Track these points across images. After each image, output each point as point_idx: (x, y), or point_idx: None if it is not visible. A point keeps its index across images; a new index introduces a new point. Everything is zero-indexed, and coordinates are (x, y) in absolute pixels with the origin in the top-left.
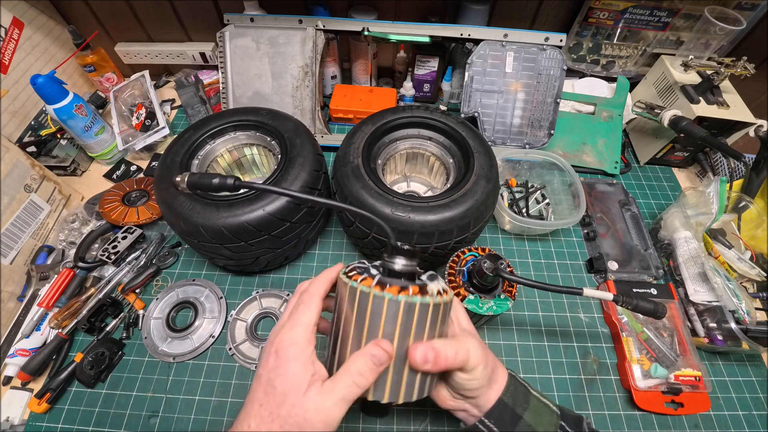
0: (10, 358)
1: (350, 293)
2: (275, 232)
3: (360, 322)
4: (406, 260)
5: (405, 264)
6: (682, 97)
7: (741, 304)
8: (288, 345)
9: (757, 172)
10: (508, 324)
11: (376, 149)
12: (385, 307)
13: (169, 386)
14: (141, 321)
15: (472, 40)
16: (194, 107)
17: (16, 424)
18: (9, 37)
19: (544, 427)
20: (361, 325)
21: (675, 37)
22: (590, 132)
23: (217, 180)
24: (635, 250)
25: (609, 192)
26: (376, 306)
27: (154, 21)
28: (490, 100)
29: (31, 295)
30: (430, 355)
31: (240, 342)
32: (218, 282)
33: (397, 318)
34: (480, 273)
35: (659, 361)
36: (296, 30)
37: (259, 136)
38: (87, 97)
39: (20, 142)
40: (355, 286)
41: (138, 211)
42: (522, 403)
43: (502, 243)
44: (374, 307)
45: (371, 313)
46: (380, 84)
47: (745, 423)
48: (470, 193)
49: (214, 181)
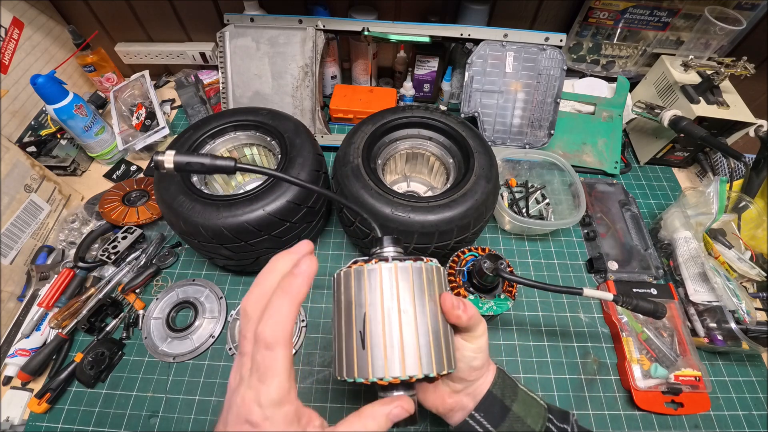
0: (10, 358)
1: (345, 278)
2: (275, 232)
3: (359, 301)
4: (394, 247)
5: (395, 250)
6: (682, 97)
7: (741, 304)
8: (263, 418)
9: (757, 172)
10: (508, 324)
11: (376, 149)
12: (380, 275)
13: (169, 386)
14: (141, 321)
15: (472, 40)
16: (194, 107)
17: (16, 424)
18: (9, 37)
19: (532, 418)
20: (360, 303)
21: (675, 37)
22: (590, 132)
23: (209, 161)
24: (635, 250)
25: (609, 192)
26: (373, 279)
27: (154, 21)
28: (490, 100)
29: (31, 295)
30: (457, 302)
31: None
32: (218, 282)
33: (395, 285)
34: (480, 273)
35: (659, 361)
36: (296, 30)
37: (259, 136)
38: (87, 97)
39: (20, 142)
40: (349, 270)
41: (138, 211)
42: (511, 395)
43: (502, 243)
44: (371, 280)
45: (369, 287)
46: (380, 84)
47: (745, 423)
48: (470, 193)
49: (206, 161)
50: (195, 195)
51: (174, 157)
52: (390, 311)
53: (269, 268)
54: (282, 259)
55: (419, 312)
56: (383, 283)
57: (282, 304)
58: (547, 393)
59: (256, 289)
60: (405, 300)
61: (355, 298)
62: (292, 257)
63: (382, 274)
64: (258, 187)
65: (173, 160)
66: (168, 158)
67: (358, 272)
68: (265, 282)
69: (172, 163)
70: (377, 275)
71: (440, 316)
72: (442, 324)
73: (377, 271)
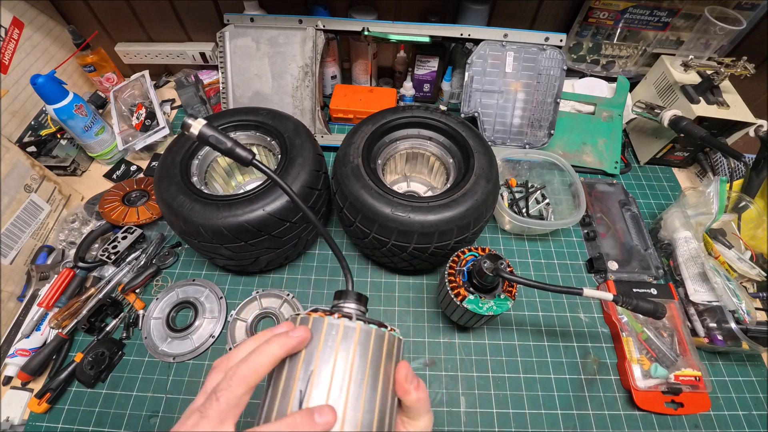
0: (10, 358)
1: (301, 325)
2: (275, 232)
3: (309, 357)
4: (357, 305)
5: (358, 308)
6: (682, 97)
7: (741, 304)
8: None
9: (757, 172)
10: (508, 324)
11: (376, 149)
12: (340, 333)
13: (169, 386)
14: (141, 321)
15: (472, 40)
16: (194, 107)
17: (16, 424)
18: (9, 37)
19: None
20: (309, 360)
21: (675, 37)
22: (590, 132)
23: (230, 144)
24: (635, 250)
25: (609, 192)
26: (331, 336)
27: (154, 21)
28: (490, 100)
29: (31, 295)
30: (411, 377)
31: (240, 342)
32: (218, 282)
33: (353, 348)
34: (480, 273)
35: (659, 361)
36: (296, 30)
37: (259, 136)
38: (87, 97)
39: (20, 142)
40: (307, 318)
41: (138, 211)
42: None
43: (502, 243)
44: (328, 337)
45: (324, 344)
46: (380, 84)
47: (745, 423)
48: (470, 193)
49: (227, 143)
50: (195, 195)
51: (201, 127)
52: (339, 377)
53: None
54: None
55: (370, 385)
56: (341, 343)
57: (264, 351)
58: (547, 393)
59: (234, 352)
60: (359, 368)
61: (305, 351)
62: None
63: (341, 332)
64: (258, 187)
65: (199, 129)
66: (196, 125)
67: (317, 322)
68: (245, 348)
69: (198, 131)
70: (337, 333)
71: (390, 393)
72: (390, 402)
73: (338, 328)
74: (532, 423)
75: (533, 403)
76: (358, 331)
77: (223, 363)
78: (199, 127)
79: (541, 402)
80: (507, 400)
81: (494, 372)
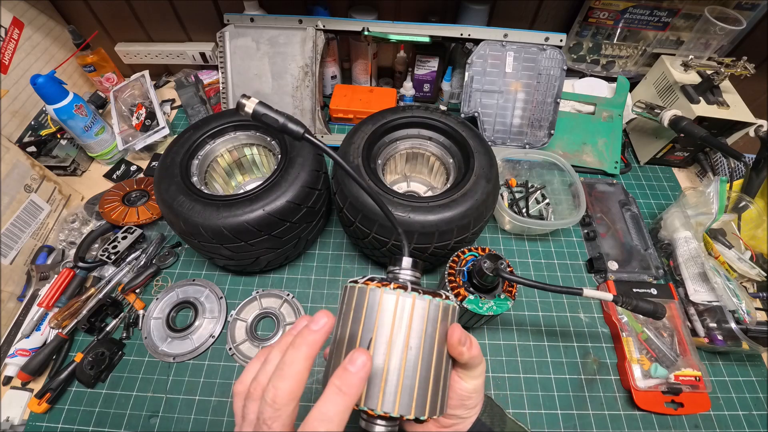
0: (10, 358)
1: (359, 295)
2: (275, 232)
3: (368, 324)
4: (413, 272)
5: (413, 275)
6: (682, 97)
7: (741, 304)
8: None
9: (757, 172)
10: (508, 324)
11: (376, 149)
12: (397, 304)
13: (169, 386)
14: (141, 321)
15: (472, 40)
16: (194, 107)
17: (16, 424)
18: (9, 37)
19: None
20: (369, 327)
21: (675, 37)
22: (590, 132)
23: (283, 120)
24: (635, 250)
25: (609, 192)
26: (388, 306)
27: (154, 21)
28: (490, 100)
29: (31, 295)
30: (464, 338)
31: (240, 342)
32: (218, 282)
33: (409, 319)
34: (480, 273)
35: (659, 361)
36: (296, 30)
37: (259, 136)
38: (87, 97)
39: (20, 142)
40: (365, 287)
41: (138, 211)
42: (499, 423)
43: (502, 243)
44: (385, 307)
45: (382, 313)
46: (380, 84)
47: (745, 423)
48: (470, 193)
49: (280, 119)
50: (195, 195)
51: (255, 105)
52: (396, 345)
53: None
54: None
55: (425, 352)
56: (397, 313)
57: (296, 358)
58: (547, 393)
59: (250, 367)
60: (414, 336)
61: (365, 319)
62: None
63: (398, 303)
64: (258, 187)
65: (253, 107)
66: (250, 104)
67: (374, 293)
68: (258, 362)
69: (252, 109)
70: (393, 303)
71: (444, 357)
72: (444, 366)
73: (394, 298)
74: (532, 423)
75: (533, 403)
76: (413, 303)
77: (252, 385)
78: (253, 105)
79: (541, 402)
80: (507, 400)
81: (494, 372)
